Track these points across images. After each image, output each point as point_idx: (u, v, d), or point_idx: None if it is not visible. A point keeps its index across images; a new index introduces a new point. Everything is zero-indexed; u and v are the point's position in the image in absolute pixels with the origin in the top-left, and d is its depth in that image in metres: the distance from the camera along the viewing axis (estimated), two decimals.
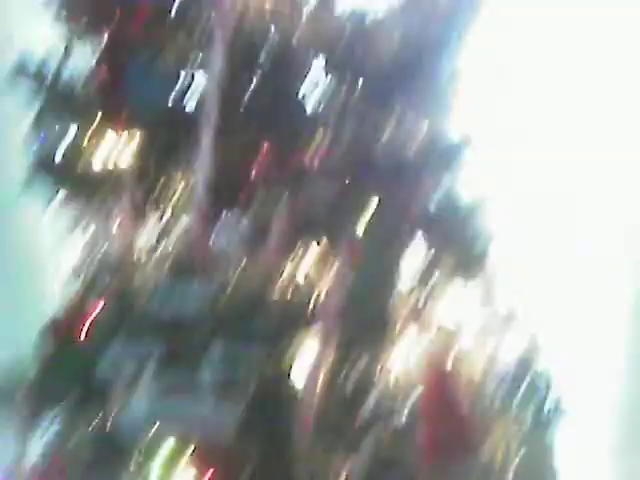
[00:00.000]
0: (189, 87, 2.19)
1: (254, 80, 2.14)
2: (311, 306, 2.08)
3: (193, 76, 2.21)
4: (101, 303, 2.23)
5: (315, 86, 2.16)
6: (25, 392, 2.16)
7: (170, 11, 2.21)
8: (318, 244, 2.13)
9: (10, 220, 3.56)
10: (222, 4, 2.10)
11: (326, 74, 2.14)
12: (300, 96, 2.15)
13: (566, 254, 3.17)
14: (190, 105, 2.17)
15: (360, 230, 2.10)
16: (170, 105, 2.18)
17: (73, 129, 2.34)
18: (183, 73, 2.21)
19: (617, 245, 3.36)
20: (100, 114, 2.29)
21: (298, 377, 2.07)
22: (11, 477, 2.15)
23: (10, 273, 3.55)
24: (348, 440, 2.06)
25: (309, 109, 2.15)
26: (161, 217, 2.21)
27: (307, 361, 2.07)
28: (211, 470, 2.05)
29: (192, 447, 2.06)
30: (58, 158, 2.35)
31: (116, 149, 2.28)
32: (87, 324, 2.22)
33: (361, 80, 2.10)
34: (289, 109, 2.13)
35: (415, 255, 2.17)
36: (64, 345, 2.23)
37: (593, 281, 3.27)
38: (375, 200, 2.09)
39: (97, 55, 2.34)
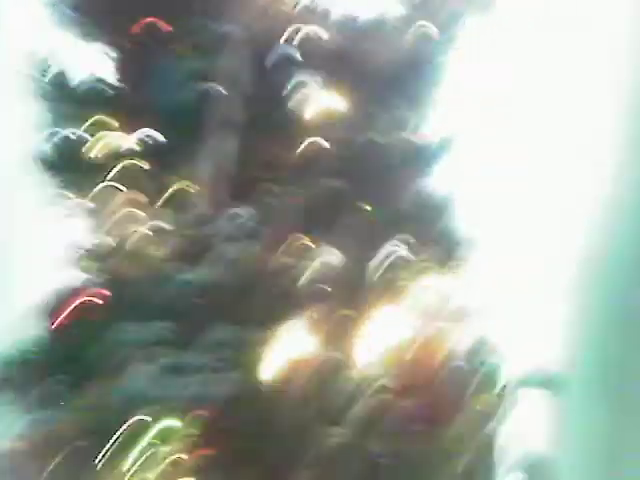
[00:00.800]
0: (202, 92, 2.38)
1: (257, 88, 2.34)
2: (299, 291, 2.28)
3: (205, 82, 2.39)
4: (98, 288, 2.40)
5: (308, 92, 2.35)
6: (25, 372, 2.28)
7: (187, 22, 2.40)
8: (307, 237, 2.32)
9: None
10: (237, 23, 2.30)
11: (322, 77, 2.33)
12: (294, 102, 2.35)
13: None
14: (201, 107, 2.35)
15: (345, 224, 2.30)
16: (182, 106, 2.36)
17: (84, 126, 2.51)
18: (195, 80, 2.39)
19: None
20: (114, 113, 2.46)
21: (284, 357, 2.26)
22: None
23: None
24: (332, 412, 2.24)
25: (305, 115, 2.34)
26: (164, 208, 2.39)
27: (294, 342, 2.27)
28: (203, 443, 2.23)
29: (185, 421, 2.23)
30: (67, 151, 2.50)
31: (126, 144, 2.46)
32: (84, 307, 2.38)
33: (351, 85, 2.30)
34: (284, 114, 2.33)
35: (392, 247, 2.36)
36: (64, 326, 2.39)
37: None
38: (360, 197, 2.29)
39: (116, 58, 2.51)
